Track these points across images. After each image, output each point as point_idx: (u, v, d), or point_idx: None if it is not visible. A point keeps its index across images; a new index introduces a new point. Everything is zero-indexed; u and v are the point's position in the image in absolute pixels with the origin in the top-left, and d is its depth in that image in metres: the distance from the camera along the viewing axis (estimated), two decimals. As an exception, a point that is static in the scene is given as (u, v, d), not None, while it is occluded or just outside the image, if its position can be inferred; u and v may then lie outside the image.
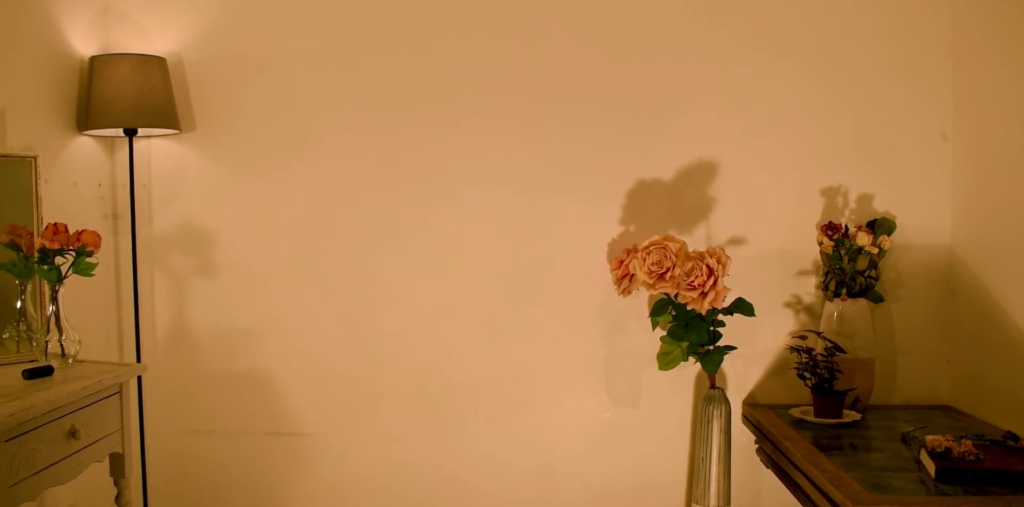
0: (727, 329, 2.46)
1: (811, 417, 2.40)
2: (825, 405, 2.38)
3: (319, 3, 2.65)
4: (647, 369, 2.62)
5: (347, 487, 2.71)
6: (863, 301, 2.48)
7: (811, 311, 2.62)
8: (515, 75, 2.62)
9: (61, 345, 2.03)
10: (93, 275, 2.04)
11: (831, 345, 2.38)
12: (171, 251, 2.69)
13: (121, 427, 2.03)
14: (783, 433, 2.30)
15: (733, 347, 2.42)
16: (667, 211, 2.62)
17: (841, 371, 2.38)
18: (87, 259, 2.03)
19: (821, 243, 2.51)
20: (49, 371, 1.93)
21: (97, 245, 2.04)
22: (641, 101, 2.61)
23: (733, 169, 2.61)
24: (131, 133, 2.53)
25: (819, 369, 2.37)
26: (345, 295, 2.68)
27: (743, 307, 2.39)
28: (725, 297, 2.31)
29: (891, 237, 2.51)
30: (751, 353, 2.60)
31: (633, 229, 2.63)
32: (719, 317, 2.43)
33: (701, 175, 2.62)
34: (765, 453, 2.50)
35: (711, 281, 2.28)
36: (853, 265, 2.46)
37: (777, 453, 2.29)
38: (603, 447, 2.67)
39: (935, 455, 1.95)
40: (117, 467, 2.04)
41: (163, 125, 2.50)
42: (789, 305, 2.62)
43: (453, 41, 2.63)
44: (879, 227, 2.52)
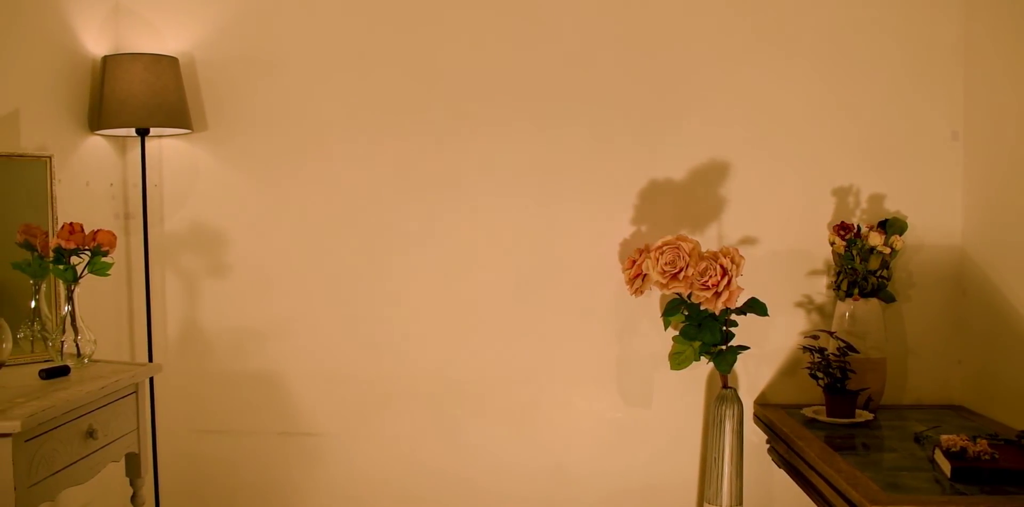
0: (738, 329, 2.46)
1: (823, 417, 2.40)
2: (837, 405, 2.39)
3: (332, 3, 2.65)
4: (659, 369, 2.63)
5: (358, 487, 2.71)
6: (875, 301, 2.49)
7: (822, 311, 2.62)
8: (527, 75, 2.63)
9: (76, 345, 2.03)
10: (109, 275, 2.04)
11: (844, 345, 2.38)
12: (182, 251, 2.69)
13: (137, 427, 2.03)
14: (796, 433, 2.30)
15: (746, 347, 2.42)
16: (679, 211, 2.63)
17: (854, 371, 2.39)
18: (103, 259, 2.03)
19: (833, 243, 2.51)
20: (65, 371, 1.93)
21: (113, 245, 2.04)
22: (653, 102, 2.62)
23: (744, 169, 2.61)
24: (143, 133, 2.53)
25: (832, 369, 2.38)
26: (357, 295, 2.68)
27: (756, 307, 2.39)
28: (738, 297, 2.31)
29: (902, 237, 2.51)
30: (762, 353, 2.61)
31: (645, 229, 2.63)
32: (732, 317, 2.43)
33: (713, 175, 2.62)
34: (777, 453, 2.50)
35: (725, 281, 2.28)
36: (865, 265, 2.47)
37: (790, 453, 2.30)
38: (614, 447, 2.67)
39: (950, 455, 1.95)
40: (133, 467, 2.05)
41: (175, 125, 2.50)
42: (800, 305, 2.63)
43: (466, 44, 2.63)
44: (890, 227, 2.52)
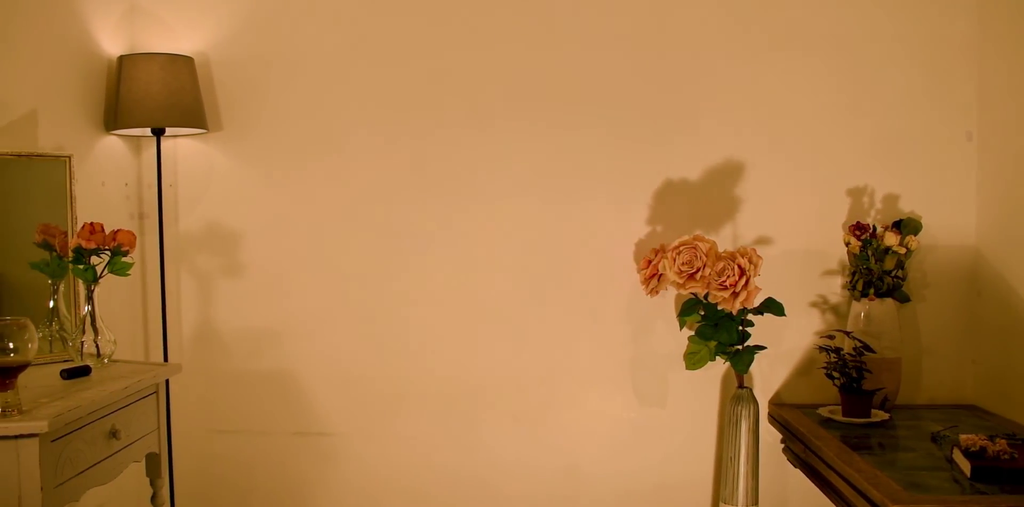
0: (753, 329, 2.46)
1: (839, 416, 2.41)
2: (853, 404, 2.39)
3: (346, 3, 2.65)
4: (673, 369, 2.63)
5: (372, 487, 2.71)
6: (890, 301, 2.49)
7: (837, 311, 2.63)
8: (542, 75, 2.63)
9: (96, 345, 2.03)
10: (129, 275, 2.05)
11: (860, 345, 2.39)
12: (197, 251, 2.69)
13: (157, 427, 2.03)
14: (814, 432, 2.30)
15: (763, 347, 2.42)
16: (694, 211, 2.63)
17: (870, 370, 2.39)
18: (123, 259, 2.03)
19: (848, 243, 2.52)
20: (87, 371, 1.93)
21: (132, 245, 2.04)
22: (668, 102, 2.62)
23: (759, 169, 2.62)
24: (159, 133, 2.53)
25: (848, 369, 2.38)
26: (371, 295, 2.68)
27: (773, 307, 2.40)
28: (756, 297, 2.32)
29: (917, 237, 2.51)
30: (777, 353, 2.61)
31: (660, 229, 2.63)
32: (748, 317, 2.43)
33: (727, 175, 2.62)
34: (792, 452, 2.51)
35: (743, 281, 2.28)
36: (880, 265, 2.47)
37: (807, 452, 2.30)
38: (629, 447, 2.67)
39: (970, 454, 1.95)
40: (153, 467, 2.04)
41: (191, 125, 2.50)
42: (815, 305, 2.63)
43: (482, 43, 2.63)
44: (905, 227, 2.53)
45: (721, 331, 2.41)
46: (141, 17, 2.64)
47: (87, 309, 2.03)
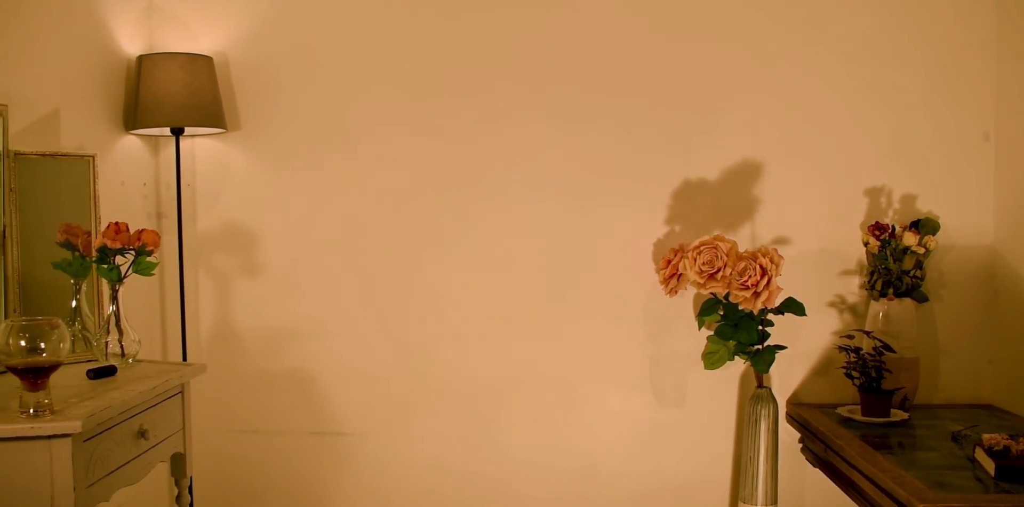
0: (771, 328, 2.47)
1: (858, 416, 2.41)
2: (873, 404, 2.40)
3: (363, 2, 2.64)
4: (692, 368, 2.63)
5: (389, 487, 2.71)
6: (908, 301, 2.50)
7: (855, 311, 2.63)
8: (561, 76, 2.63)
9: (120, 345, 2.03)
10: (153, 274, 2.04)
11: (880, 344, 2.39)
12: (215, 251, 2.68)
13: (183, 427, 2.03)
14: (834, 432, 2.31)
15: (783, 346, 2.43)
16: (712, 211, 2.63)
17: (889, 370, 2.40)
18: (147, 258, 2.02)
19: (867, 243, 2.52)
20: (112, 371, 1.92)
21: (157, 245, 2.03)
22: (686, 102, 2.62)
23: (777, 169, 2.62)
24: (178, 132, 2.53)
25: (868, 368, 2.39)
26: (388, 295, 2.68)
27: (794, 307, 2.40)
28: (777, 297, 2.32)
29: (935, 237, 2.52)
30: (794, 352, 2.61)
31: (678, 229, 2.64)
32: (768, 317, 2.44)
33: (746, 175, 2.63)
34: (811, 452, 2.51)
35: (764, 281, 2.29)
36: (899, 265, 2.48)
37: (828, 452, 2.30)
38: (648, 447, 2.68)
39: (993, 453, 1.96)
40: (179, 467, 2.04)
41: (210, 124, 2.50)
42: (833, 305, 2.64)
43: (499, 42, 2.63)
44: (923, 227, 2.53)
45: (741, 331, 2.42)
46: (159, 16, 2.63)
47: (112, 309, 2.02)
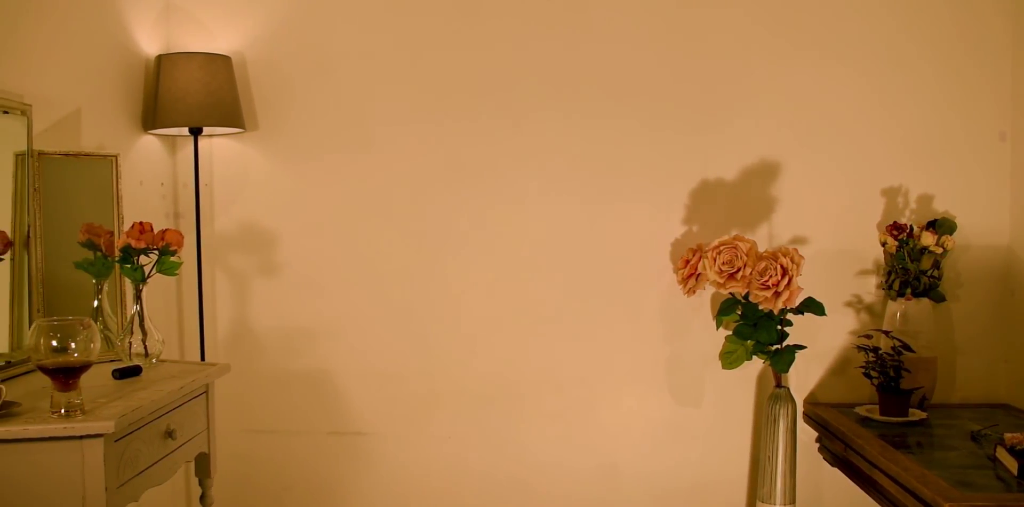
0: (789, 328, 2.47)
1: (877, 415, 2.42)
2: (891, 403, 2.41)
3: (380, 1, 2.64)
4: (709, 368, 2.64)
5: (407, 487, 2.72)
6: (926, 300, 2.51)
7: (871, 310, 2.64)
8: (578, 75, 2.63)
9: (144, 345, 2.03)
10: (177, 274, 2.04)
11: (900, 344, 2.40)
12: (232, 251, 2.68)
13: (207, 427, 2.03)
14: (854, 431, 2.31)
15: (803, 346, 2.43)
16: (730, 211, 2.64)
17: (908, 370, 2.41)
18: (171, 258, 2.02)
19: (885, 243, 2.53)
20: (137, 371, 1.92)
21: (180, 244, 2.03)
22: (704, 102, 2.63)
23: (795, 169, 2.63)
24: (196, 132, 2.53)
25: (887, 368, 2.40)
26: (406, 295, 2.68)
27: (813, 306, 2.40)
28: (798, 297, 2.32)
29: (952, 237, 2.53)
30: (811, 352, 2.61)
31: (696, 229, 2.64)
32: (787, 316, 2.44)
33: (763, 175, 2.63)
34: (829, 451, 2.52)
35: (785, 281, 2.29)
36: (917, 265, 2.49)
37: (848, 451, 2.31)
38: (665, 446, 2.68)
39: (1016, 453, 1.97)
40: (203, 467, 2.04)
41: (229, 124, 2.50)
42: (850, 304, 2.65)
43: (517, 42, 2.63)
44: (940, 227, 2.54)
45: (760, 331, 2.42)
46: (176, 16, 2.63)
47: (135, 309, 2.02)
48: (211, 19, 2.63)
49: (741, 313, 2.46)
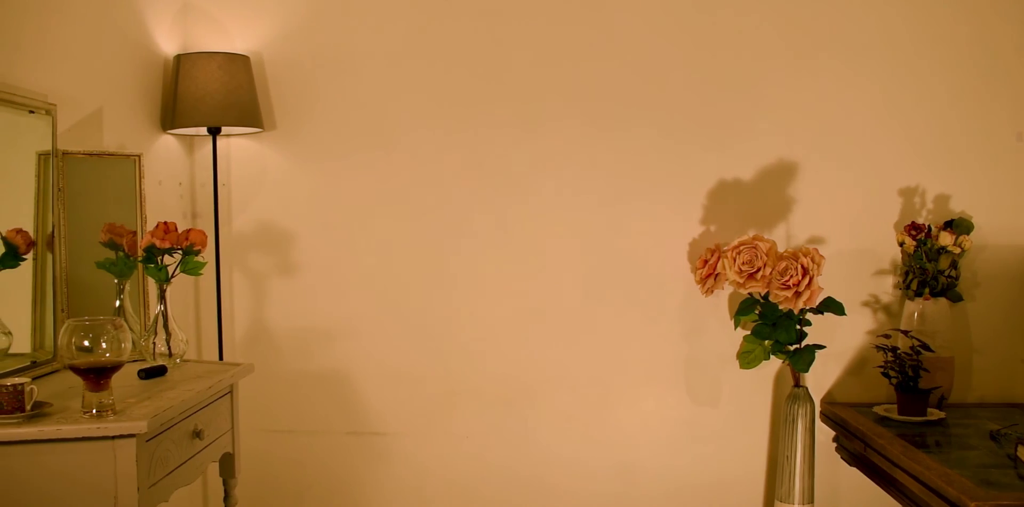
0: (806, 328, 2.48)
1: (895, 415, 2.43)
2: (910, 403, 2.41)
3: (399, 1, 2.64)
4: (726, 368, 2.64)
5: (425, 486, 2.72)
6: (943, 300, 2.52)
7: (888, 310, 2.65)
8: (596, 75, 2.63)
9: (168, 345, 2.02)
10: (201, 274, 2.04)
11: (919, 344, 2.40)
12: (249, 251, 2.68)
13: (232, 427, 2.02)
14: (874, 431, 2.32)
15: (822, 346, 2.43)
16: (747, 211, 2.64)
17: (927, 369, 2.41)
18: (195, 258, 2.02)
19: (903, 243, 2.54)
20: (163, 371, 1.92)
21: (204, 244, 2.03)
22: (722, 103, 2.63)
23: (812, 169, 2.63)
24: (215, 132, 2.52)
25: (905, 367, 2.40)
26: (424, 295, 2.68)
27: (833, 306, 2.41)
28: (818, 296, 2.33)
29: (969, 237, 2.54)
30: (829, 352, 2.61)
31: (714, 229, 2.65)
32: (806, 316, 2.45)
33: (780, 175, 2.64)
34: (847, 450, 2.53)
35: (806, 281, 2.30)
36: (935, 265, 2.49)
37: (868, 450, 2.31)
38: (682, 445, 2.68)
39: (1038, 452, 1.98)
40: (228, 467, 2.04)
41: (248, 124, 2.49)
42: (867, 304, 2.65)
43: (536, 42, 2.63)
44: (957, 227, 2.55)
45: (779, 330, 2.43)
46: (193, 15, 2.63)
47: (159, 309, 2.02)
48: (228, 19, 2.63)
49: (760, 313, 2.47)
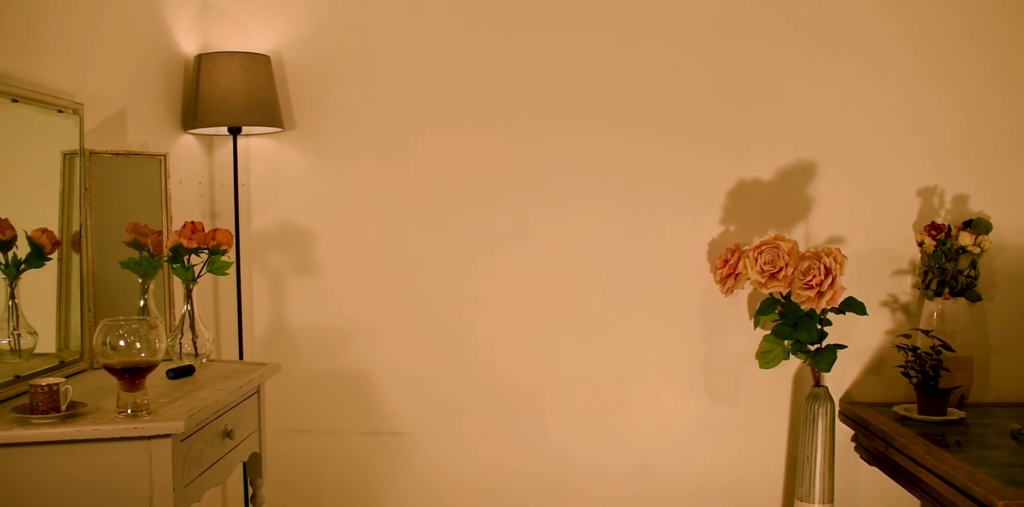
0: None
1: (915, 414, 2.43)
2: (930, 402, 2.42)
3: (421, 1, 2.64)
4: (746, 368, 2.65)
5: (443, 486, 2.72)
6: (962, 300, 2.52)
7: (907, 310, 2.65)
8: (616, 75, 2.63)
9: (194, 344, 2.02)
10: (227, 274, 2.04)
11: (939, 343, 2.41)
12: (269, 250, 2.68)
13: (259, 427, 2.02)
14: (896, 430, 2.32)
15: (844, 345, 2.44)
16: (766, 211, 2.65)
17: (947, 369, 2.42)
18: (221, 258, 2.02)
19: (922, 243, 2.54)
20: (191, 370, 1.92)
21: (231, 244, 2.03)
22: (741, 103, 2.63)
23: (831, 169, 2.64)
24: (235, 131, 2.52)
25: (926, 367, 2.41)
26: (442, 295, 2.68)
27: (855, 306, 2.41)
28: (840, 296, 2.33)
29: (988, 237, 2.54)
30: (848, 351, 2.62)
31: (733, 229, 2.65)
32: (827, 316, 2.45)
33: (799, 175, 2.64)
34: (867, 450, 2.53)
35: (829, 280, 2.30)
36: (954, 264, 2.50)
37: (890, 450, 2.32)
38: (702, 445, 2.69)
39: (1061, 451, 1.98)
40: (255, 467, 2.04)
41: (268, 123, 2.49)
42: (885, 304, 2.66)
43: (556, 43, 2.63)
44: (976, 227, 2.55)
45: (801, 330, 2.43)
46: (213, 15, 2.62)
47: (186, 308, 2.02)
48: (248, 19, 2.63)
49: (780, 313, 2.47)
